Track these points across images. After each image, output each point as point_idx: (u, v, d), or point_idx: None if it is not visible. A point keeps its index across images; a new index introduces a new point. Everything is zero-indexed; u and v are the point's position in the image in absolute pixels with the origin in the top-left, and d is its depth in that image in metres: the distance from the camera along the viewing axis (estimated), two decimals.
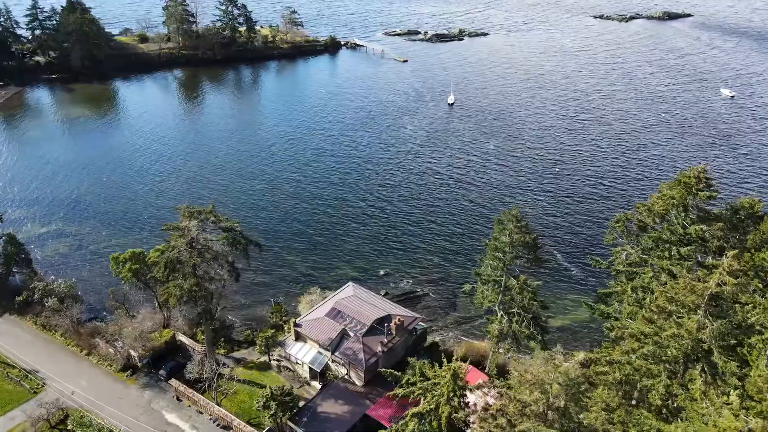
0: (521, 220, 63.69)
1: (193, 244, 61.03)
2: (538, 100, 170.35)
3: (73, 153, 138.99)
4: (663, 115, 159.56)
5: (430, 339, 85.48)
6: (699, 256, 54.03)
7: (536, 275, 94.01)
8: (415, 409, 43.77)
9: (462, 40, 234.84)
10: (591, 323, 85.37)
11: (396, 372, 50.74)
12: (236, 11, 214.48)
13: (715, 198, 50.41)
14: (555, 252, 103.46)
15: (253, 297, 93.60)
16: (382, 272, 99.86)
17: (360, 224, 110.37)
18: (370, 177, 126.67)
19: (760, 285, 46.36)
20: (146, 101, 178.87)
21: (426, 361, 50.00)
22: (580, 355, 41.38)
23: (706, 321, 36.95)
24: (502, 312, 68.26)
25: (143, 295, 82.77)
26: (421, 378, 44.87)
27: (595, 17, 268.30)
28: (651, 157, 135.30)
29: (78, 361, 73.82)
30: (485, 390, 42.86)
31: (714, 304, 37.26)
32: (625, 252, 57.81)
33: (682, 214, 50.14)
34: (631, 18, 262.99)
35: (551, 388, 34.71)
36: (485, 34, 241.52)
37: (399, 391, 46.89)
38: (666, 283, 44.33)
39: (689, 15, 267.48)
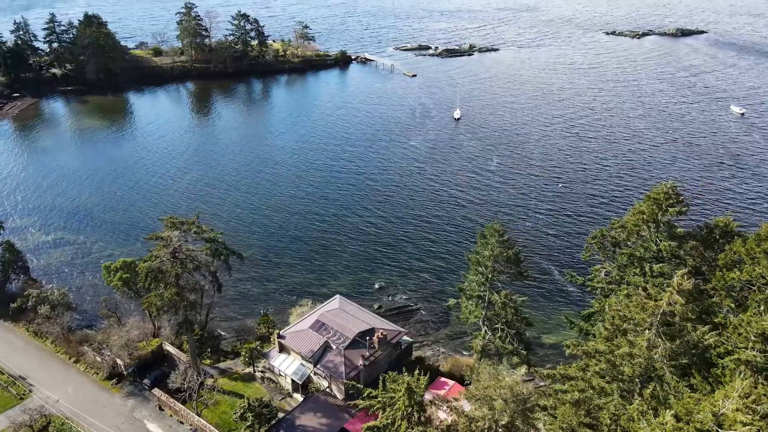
0: (503, 234, 63.28)
1: (176, 254, 61.60)
2: (545, 117, 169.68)
3: (80, 163, 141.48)
4: (670, 132, 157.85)
5: (418, 353, 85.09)
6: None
7: (530, 292, 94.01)
8: (370, 423, 43.48)
9: (472, 55, 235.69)
10: None
11: (358, 384, 50.39)
12: (248, 26, 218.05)
13: (685, 213, 49.69)
14: (553, 269, 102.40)
15: (247, 308, 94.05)
16: (376, 286, 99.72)
17: (356, 239, 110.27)
18: (368, 192, 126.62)
19: (733, 305, 45.41)
20: (156, 113, 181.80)
21: (398, 374, 49.50)
22: (522, 370, 40.70)
23: (659, 340, 36.28)
24: (486, 327, 67.75)
25: (134, 304, 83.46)
26: (383, 392, 44.56)
27: (608, 33, 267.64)
28: (656, 176, 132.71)
29: (66, 369, 74.56)
30: (437, 404, 42.22)
31: (667, 323, 36.57)
32: (605, 269, 57.18)
33: (654, 231, 49.44)
34: (644, 34, 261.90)
35: (496, 403, 34.29)
36: (496, 50, 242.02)
37: (360, 403, 46.63)
38: (622, 301, 43.69)
39: (704, 32, 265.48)
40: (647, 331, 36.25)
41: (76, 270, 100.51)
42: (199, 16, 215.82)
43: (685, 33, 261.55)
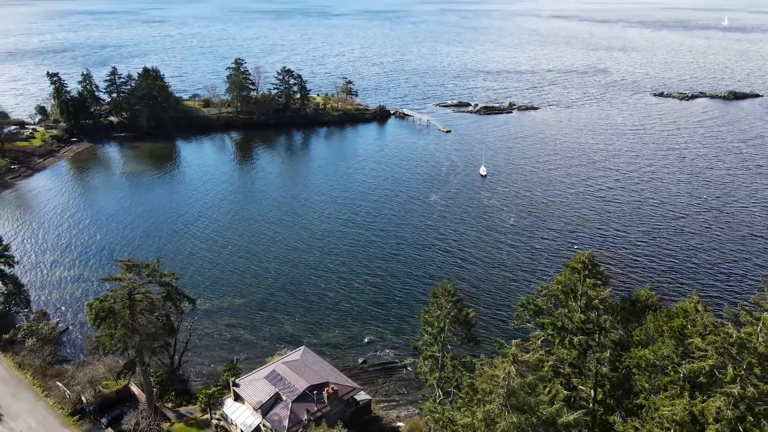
0: (454, 294, 61.60)
1: (132, 295, 63.41)
2: (573, 178, 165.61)
3: (113, 204, 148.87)
4: (704, 197, 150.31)
5: (390, 413, 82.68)
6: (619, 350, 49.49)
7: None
8: None
9: (511, 113, 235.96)
10: None
11: None
12: (292, 80, 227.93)
13: (599, 286, 46.58)
14: None
15: (232, 353, 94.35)
16: (366, 340, 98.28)
17: (353, 293, 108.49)
18: (371, 248, 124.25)
19: (646, 384, 41.58)
20: (198, 161, 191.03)
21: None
22: None
23: (506, 413, 33.66)
24: (440, 390, 65.28)
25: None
26: None
27: (656, 95, 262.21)
28: (683, 246, 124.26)
29: (36, 401, 76.78)
30: None
31: (515, 395, 33.98)
32: (543, 337, 54.15)
33: (574, 302, 46.62)
34: (694, 97, 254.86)
35: None
36: (535, 108, 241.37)
37: None
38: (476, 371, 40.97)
39: (759, 95, 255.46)
40: (494, 402, 33.92)
41: (82, 305, 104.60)
42: (247, 70, 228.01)
43: (738, 96, 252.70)
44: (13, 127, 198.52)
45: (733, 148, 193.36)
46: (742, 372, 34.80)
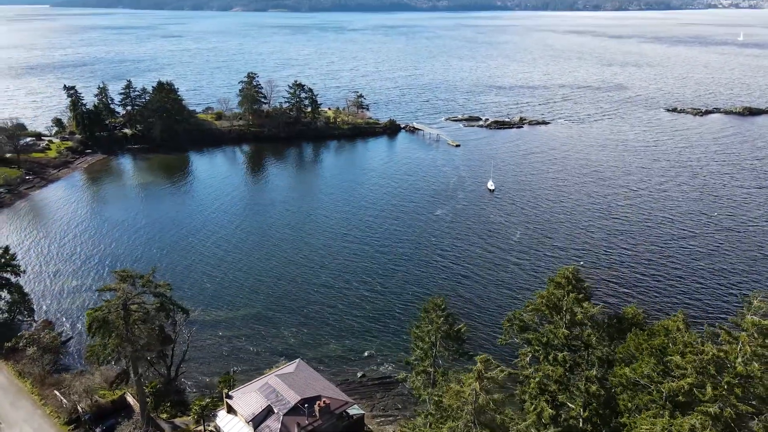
0: (444, 309, 61.21)
1: (126, 305, 63.96)
2: (583, 194, 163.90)
3: (124, 216, 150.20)
4: (715, 214, 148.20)
5: (390, 429, 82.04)
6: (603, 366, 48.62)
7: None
8: None
9: (521, 127, 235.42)
10: None
11: None
12: (303, 94, 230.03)
13: (583, 301, 45.90)
14: None
15: (231, 364, 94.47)
16: (366, 354, 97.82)
17: (352, 307, 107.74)
18: (372, 263, 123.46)
19: (629, 403, 40.79)
20: (207, 173, 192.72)
21: None
22: None
23: (473, 429, 33.18)
24: (432, 405, 64.57)
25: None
26: None
27: (669, 110, 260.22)
28: (692, 266, 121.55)
29: (34, 410, 77.29)
30: None
31: (484, 412, 33.51)
32: (531, 354, 53.43)
33: (559, 318, 45.99)
34: (708, 112, 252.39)
35: None
36: (546, 123, 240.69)
37: None
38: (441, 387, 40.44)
39: None
40: (461, 419, 33.50)
41: (84, 315, 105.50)
42: (259, 84, 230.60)
43: (753, 112, 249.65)
44: (29, 139, 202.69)
45: (748, 165, 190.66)
46: (723, 392, 34.08)
